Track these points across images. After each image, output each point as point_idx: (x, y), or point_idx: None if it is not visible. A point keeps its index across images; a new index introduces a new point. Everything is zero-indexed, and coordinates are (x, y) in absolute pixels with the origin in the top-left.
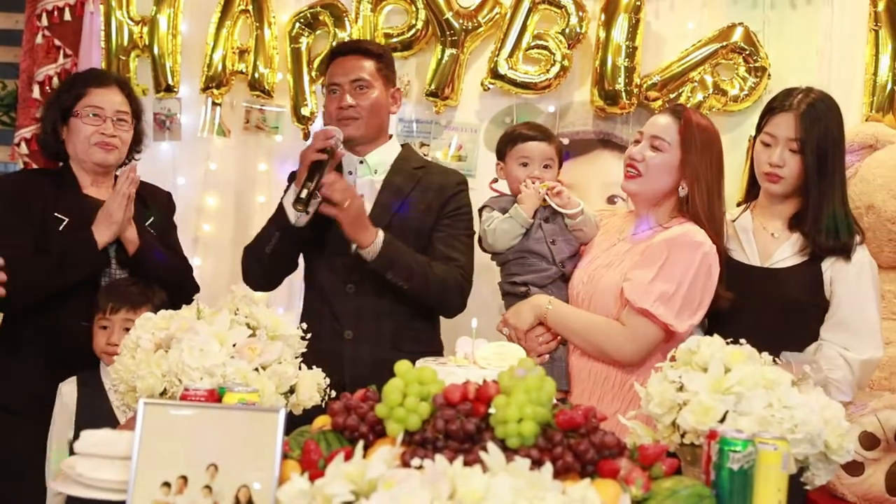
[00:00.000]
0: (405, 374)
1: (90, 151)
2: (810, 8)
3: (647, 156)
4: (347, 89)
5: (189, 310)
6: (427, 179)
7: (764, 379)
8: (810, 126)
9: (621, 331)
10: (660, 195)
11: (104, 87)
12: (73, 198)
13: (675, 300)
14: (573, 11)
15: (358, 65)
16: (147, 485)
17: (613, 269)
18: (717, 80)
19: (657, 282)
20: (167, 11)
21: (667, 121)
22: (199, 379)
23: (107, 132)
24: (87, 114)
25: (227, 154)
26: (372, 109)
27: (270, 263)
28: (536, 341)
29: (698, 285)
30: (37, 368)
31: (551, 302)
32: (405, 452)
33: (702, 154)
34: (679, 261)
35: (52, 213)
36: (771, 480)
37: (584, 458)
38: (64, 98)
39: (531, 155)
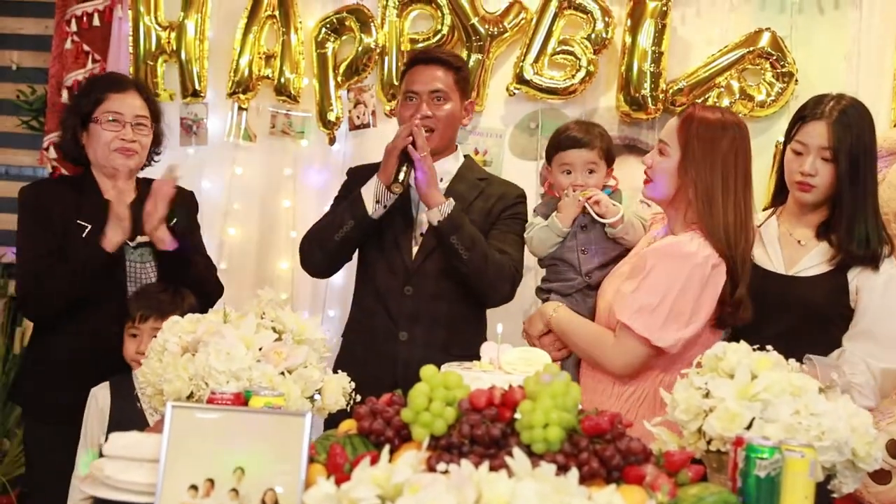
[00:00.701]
0: (431, 379)
1: (110, 157)
2: (838, 13)
3: (655, 160)
4: (425, 99)
5: (216, 313)
6: (489, 190)
7: (791, 386)
8: (843, 134)
9: (612, 343)
10: (670, 199)
11: (122, 91)
12: (95, 204)
13: (658, 314)
14: (599, 17)
15: (438, 75)
16: (174, 487)
17: (614, 281)
18: (744, 86)
19: (639, 294)
20: (195, 17)
21: (672, 123)
22: (225, 382)
23: (126, 137)
24: (107, 119)
25: (252, 159)
26: (447, 121)
27: (337, 250)
28: (548, 348)
29: (688, 297)
30: (68, 376)
31: (556, 309)
32: (431, 457)
33: (700, 155)
34: (665, 273)
35: (74, 221)
36: (798, 488)
37: (610, 464)
38: (83, 104)
39: (574, 163)
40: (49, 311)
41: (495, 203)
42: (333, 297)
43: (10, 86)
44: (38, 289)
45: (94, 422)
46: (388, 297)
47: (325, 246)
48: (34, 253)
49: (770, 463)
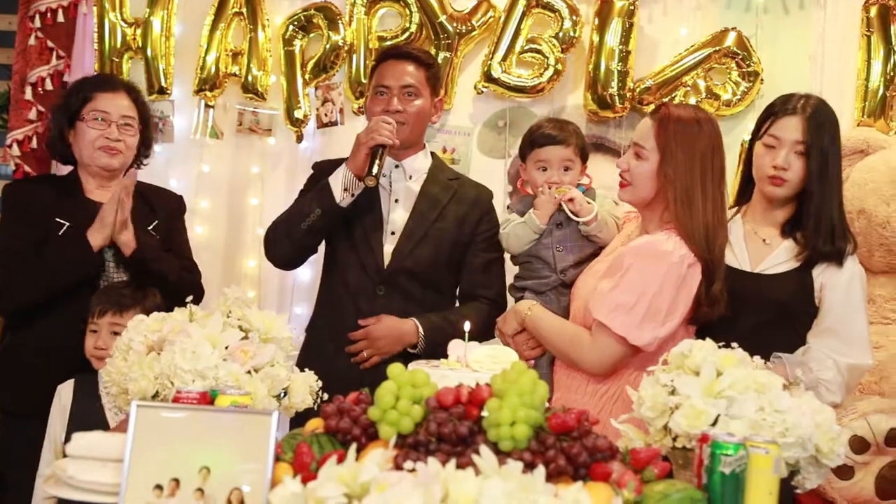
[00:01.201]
0: (398, 377)
1: (95, 155)
2: (803, 13)
3: (632, 164)
4: (396, 93)
5: (181, 312)
6: (462, 192)
7: (755, 383)
8: (816, 130)
9: (587, 341)
10: (648, 202)
11: (111, 91)
12: (76, 202)
13: (635, 312)
14: (567, 15)
15: (409, 71)
16: (139, 487)
17: (589, 280)
18: (710, 85)
19: (616, 292)
20: (160, 13)
21: (646, 125)
22: (191, 381)
23: (111, 136)
24: (93, 118)
25: (219, 156)
26: (417, 117)
27: (304, 240)
28: (522, 347)
29: (664, 297)
30: (38, 370)
31: (531, 308)
32: (398, 455)
33: (679, 155)
34: (642, 272)
35: (53, 218)
36: (762, 484)
37: (577, 462)
38: (71, 102)
39: (550, 159)
40: (20, 305)
41: (469, 210)
42: (300, 295)
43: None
44: (11, 283)
45: (56, 420)
46: (360, 296)
47: (292, 235)
48: (10, 247)
49: (735, 459)
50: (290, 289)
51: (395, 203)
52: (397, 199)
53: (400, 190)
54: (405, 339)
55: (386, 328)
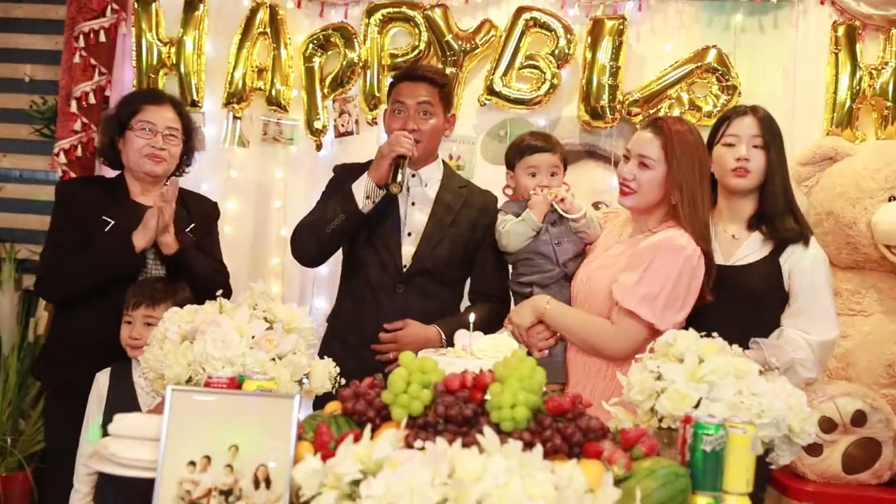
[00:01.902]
0: (409, 364)
1: (141, 162)
2: (777, 32)
3: (637, 174)
4: (413, 111)
5: (212, 305)
6: (471, 199)
7: (734, 369)
8: (769, 125)
9: (611, 329)
10: (653, 206)
11: (158, 104)
12: (122, 203)
13: (659, 301)
14: (562, 34)
15: (425, 90)
16: (174, 464)
17: (607, 271)
18: (693, 98)
19: (641, 284)
20: (193, 33)
21: (650, 137)
22: (221, 368)
23: (157, 145)
24: (141, 128)
25: (246, 163)
26: (432, 133)
27: (329, 242)
28: (537, 338)
29: (682, 286)
30: (80, 355)
31: (549, 302)
32: (408, 435)
33: (684, 164)
34: (663, 264)
35: (99, 217)
36: (740, 461)
37: (571, 441)
38: (122, 113)
39: (539, 165)
40: (63, 295)
41: (479, 215)
42: (320, 289)
43: (23, 97)
44: (57, 273)
45: (93, 404)
46: (381, 292)
47: (318, 237)
48: (57, 241)
49: (715, 438)
50: (311, 283)
51: (412, 206)
52: (414, 202)
53: (416, 195)
54: (429, 344)
55: (413, 335)
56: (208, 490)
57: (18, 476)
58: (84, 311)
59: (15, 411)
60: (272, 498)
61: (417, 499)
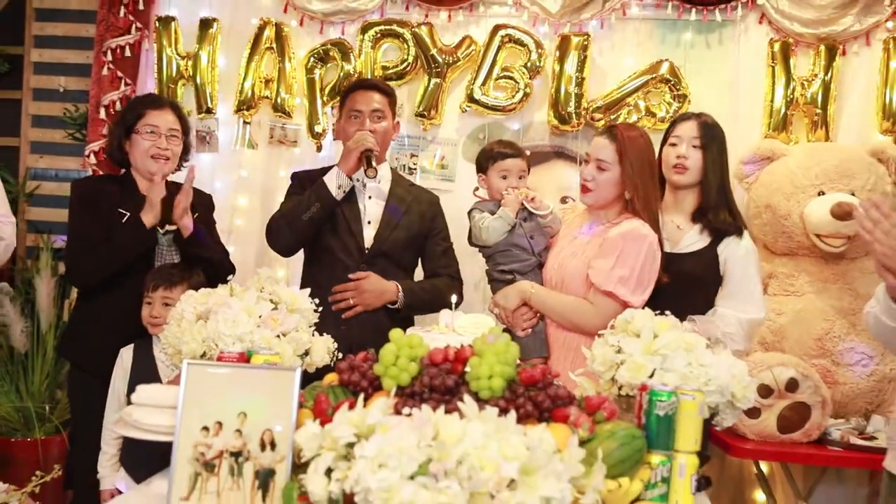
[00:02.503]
0: (398, 340)
1: (147, 162)
2: (722, 48)
3: (596, 175)
4: (367, 116)
5: (224, 288)
6: (419, 195)
7: (685, 343)
8: (707, 129)
9: (590, 308)
10: (610, 201)
11: (159, 108)
12: (134, 197)
13: (631, 281)
14: (534, 49)
15: (377, 98)
16: (190, 429)
17: (577, 259)
18: (648, 105)
19: (616, 268)
20: (207, 49)
21: (605, 143)
22: (231, 344)
23: (161, 146)
24: (146, 131)
25: (255, 163)
26: (384, 134)
27: (305, 230)
28: (521, 318)
29: (647, 269)
30: (102, 335)
31: (533, 287)
32: (397, 403)
33: (636, 164)
34: (632, 251)
35: (116, 209)
36: (689, 423)
37: (541, 407)
38: (127, 118)
39: (510, 169)
40: (90, 280)
41: (427, 209)
42: None
43: (58, 105)
44: (84, 262)
45: (118, 376)
46: (346, 273)
47: (294, 226)
48: (81, 233)
49: (668, 404)
50: None
51: (370, 200)
52: (370, 196)
53: (372, 190)
54: (386, 296)
55: (372, 284)
56: (220, 452)
57: (55, 439)
58: (104, 295)
59: (52, 383)
60: (277, 458)
61: (405, 459)
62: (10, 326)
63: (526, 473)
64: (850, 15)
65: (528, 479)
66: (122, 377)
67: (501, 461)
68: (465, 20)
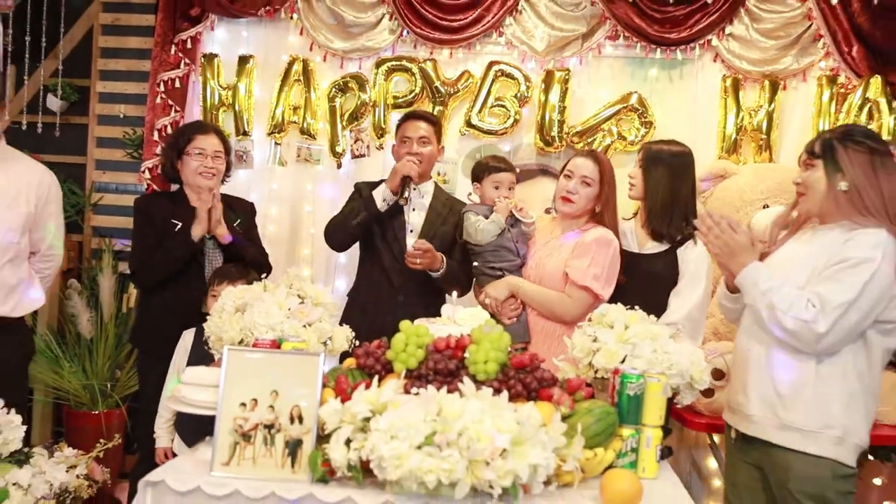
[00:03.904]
0: (407, 330)
1: (196, 179)
2: (682, 82)
3: (580, 189)
4: (415, 142)
5: (258, 285)
6: (454, 207)
7: (651, 333)
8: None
9: (568, 301)
10: (583, 212)
11: (206, 133)
12: (185, 209)
13: (602, 278)
14: (523, 82)
15: (423, 127)
16: (229, 405)
17: (553, 259)
18: (620, 130)
19: (591, 267)
20: (245, 81)
21: (590, 164)
22: (265, 332)
23: (208, 165)
24: (195, 153)
25: (284, 178)
26: (428, 158)
27: (354, 232)
28: (509, 308)
29: (613, 267)
30: (162, 323)
31: (521, 282)
32: (407, 384)
33: (610, 185)
34: (602, 253)
35: (170, 220)
36: (655, 402)
37: (529, 388)
38: (179, 142)
39: (502, 181)
40: (150, 282)
41: (455, 219)
42: (340, 273)
43: (118, 128)
44: (143, 267)
45: (180, 355)
46: (392, 271)
47: (346, 229)
48: (142, 243)
49: (637, 385)
50: (333, 268)
51: (413, 211)
52: (414, 208)
53: (416, 203)
54: (436, 263)
55: (433, 252)
56: (255, 424)
57: (116, 412)
58: (163, 292)
59: (113, 364)
60: (304, 430)
61: (413, 432)
62: (77, 316)
63: (516, 444)
64: (790, 56)
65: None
66: (183, 354)
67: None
68: (464, 57)
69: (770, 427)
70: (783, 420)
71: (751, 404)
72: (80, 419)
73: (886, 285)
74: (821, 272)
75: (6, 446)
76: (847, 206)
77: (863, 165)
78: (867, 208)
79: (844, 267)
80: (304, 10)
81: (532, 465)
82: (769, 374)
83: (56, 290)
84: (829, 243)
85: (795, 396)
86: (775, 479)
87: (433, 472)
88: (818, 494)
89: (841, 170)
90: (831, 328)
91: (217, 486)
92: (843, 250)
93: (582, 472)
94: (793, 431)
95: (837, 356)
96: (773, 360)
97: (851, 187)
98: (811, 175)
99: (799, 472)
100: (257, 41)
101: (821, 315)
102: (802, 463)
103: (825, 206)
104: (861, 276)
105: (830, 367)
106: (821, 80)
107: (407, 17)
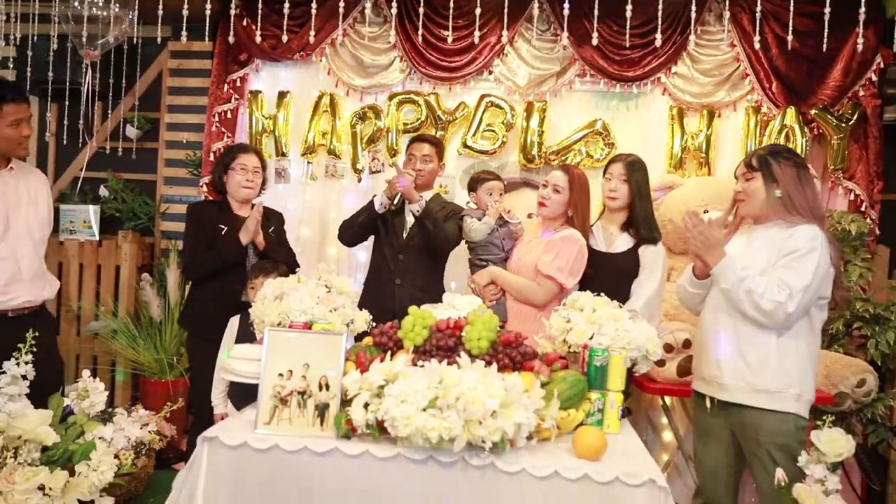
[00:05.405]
0: (414, 313)
1: (239, 191)
2: (638, 111)
3: (552, 196)
4: (419, 159)
5: (293, 277)
6: (445, 204)
7: (614, 315)
8: (631, 169)
9: (538, 288)
10: (558, 216)
11: (247, 153)
12: (229, 216)
13: (566, 270)
14: (508, 111)
15: (426, 147)
16: (270, 375)
17: (531, 254)
18: (588, 150)
19: (556, 261)
20: (283, 111)
21: (561, 175)
22: (298, 316)
23: (248, 179)
24: (239, 168)
25: (315, 191)
26: (430, 173)
27: (358, 230)
28: (489, 292)
29: (577, 261)
30: (210, 311)
31: (499, 270)
32: (414, 358)
33: (580, 193)
34: (568, 249)
35: (217, 225)
36: (617, 371)
37: (514, 361)
38: (225, 159)
39: (493, 188)
40: (198, 277)
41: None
42: (360, 268)
43: (182, 151)
44: (194, 265)
45: (228, 337)
46: (391, 260)
47: (352, 227)
48: (192, 245)
49: (602, 358)
50: (355, 265)
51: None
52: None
53: (414, 206)
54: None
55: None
56: (291, 391)
57: (180, 381)
58: (210, 284)
59: (178, 342)
60: (330, 396)
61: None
62: (149, 303)
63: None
64: (723, 90)
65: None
66: (230, 335)
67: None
68: (461, 90)
69: (742, 392)
70: (753, 385)
71: (724, 375)
72: (152, 386)
73: (826, 269)
74: (774, 262)
75: (93, 407)
76: (781, 209)
77: (792, 176)
78: (797, 210)
79: (797, 256)
80: (331, 54)
81: (517, 423)
82: (738, 348)
83: (133, 282)
84: (772, 238)
85: (762, 365)
86: (748, 437)
87: (436, 429)
88: (785, 445)
89: (776, 180)
90: (796, 308)
91: (260, 441)
92: (789, 243)
93: (558, 428)
94: (762, 394)
95: (792, 329)
96: (740, 335)
97: (784, 194)
98: (750, 185)
99: (768, 427)
100: (293, 80)
101: (789, 298)
102: (770, 420)
103: (763, 209)
104: (811, 264)
105: (787, 339)
106: (748, 110)
107: (414, 60)
